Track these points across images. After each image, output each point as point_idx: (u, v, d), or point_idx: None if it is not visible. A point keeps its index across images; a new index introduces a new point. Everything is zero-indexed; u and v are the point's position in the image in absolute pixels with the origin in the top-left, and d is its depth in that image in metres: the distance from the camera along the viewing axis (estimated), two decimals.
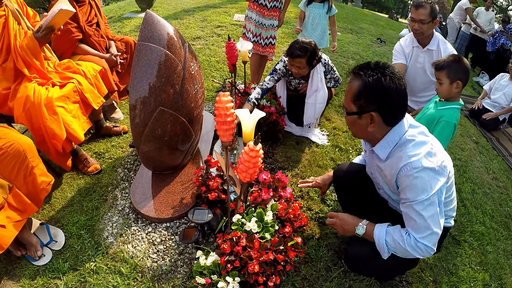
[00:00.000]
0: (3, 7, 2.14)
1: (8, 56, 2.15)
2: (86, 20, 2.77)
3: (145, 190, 2.20)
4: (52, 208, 2.18)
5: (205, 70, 4.12)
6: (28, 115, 2.05)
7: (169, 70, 1.87)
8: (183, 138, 2.12)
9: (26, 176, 1.77)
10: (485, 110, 4.65)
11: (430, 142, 1.45)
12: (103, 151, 2.67)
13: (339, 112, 3.63)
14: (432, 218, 1.41)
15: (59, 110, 2.11)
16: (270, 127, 2.79)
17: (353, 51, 5.78)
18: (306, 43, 2.59)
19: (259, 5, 3.27)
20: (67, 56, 2.68)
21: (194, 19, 5.98)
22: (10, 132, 1.80)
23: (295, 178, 2.54)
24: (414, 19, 2.75)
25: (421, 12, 2.68)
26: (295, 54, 2.57)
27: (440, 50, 2.81)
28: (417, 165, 1.38)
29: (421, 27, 2.72)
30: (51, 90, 2.15)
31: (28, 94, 2.04)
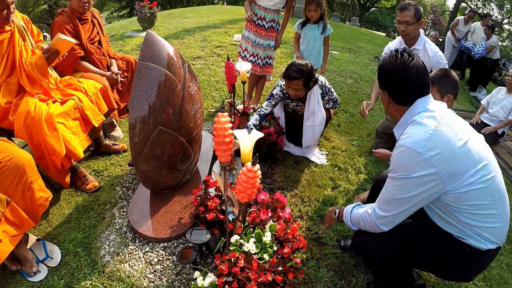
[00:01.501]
0: (9, 23, 2.18)
1: (12, 71, 2.18)
2: (88, 38, 2.81)
3: (143, 209, 2.19)
4: (49, 224, 2.16)
5: (204, 90, 4.16)
6: (28, 130, 2.05)
7: (168, 90, 1.90)
8: (182, 158, 2.12)
9: (24, 191, 1.76)
10: (483, 125, 4.64)
11: (434, 128, 1.35)
12: (102, 169, 2.66)
13: (338, 131, 3.65)
14: (394, 202, 1.42)
15: (59, 126, 2.12)
16: (269, 147, 2.80)
17: (351, 70, 5.86)
18: (302, 65, 2.62)
19: (256, 25, 3.33)
20: (68, 73, 2.71)
21: (195, 39, 6.08)
22: (10, 146, 1.80)
23: (294, 198, 2.53)
24: (400, 21, 2.86)
25: (406, 14, 2.81)
26: (292, 76, 2.59)
27: (426, 50, 2.91)
28: (403, 143, 1.37)
29: (407, 28, 2.84)
30: (52, 106, 2.17)
31: (29, 109, 2.06)
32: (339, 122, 3.87)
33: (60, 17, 2.66)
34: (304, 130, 2.92)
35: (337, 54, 6.83)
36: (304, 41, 3.61)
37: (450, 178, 1.32)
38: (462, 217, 1.40)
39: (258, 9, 3.29)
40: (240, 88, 4.04)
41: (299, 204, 2.48)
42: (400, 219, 1.46)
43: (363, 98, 4.68)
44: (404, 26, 2.84)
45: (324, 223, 1.95)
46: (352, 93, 4.86)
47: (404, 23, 2.83)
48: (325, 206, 2.46)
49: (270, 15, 3.29)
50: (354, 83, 5.31)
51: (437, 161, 1.30)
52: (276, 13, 3.33)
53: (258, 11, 3.29)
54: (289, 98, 2.85)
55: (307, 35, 3.57)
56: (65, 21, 2.65)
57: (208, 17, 8.38)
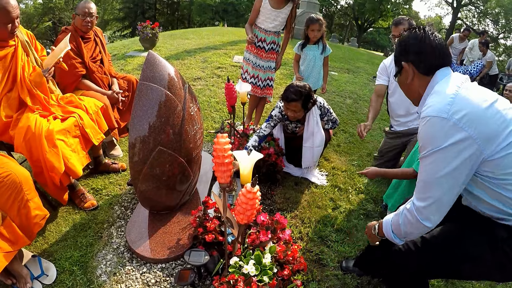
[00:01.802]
0: (13, 37, 2.21)
1: (13, 85, 2.19)
2: (91, 57, 2.85)
3: (141, 229, 2.16)
4: (45, 241, 2.14)
5: (204, 110, 4.19)
6: (28, 145, 2.05)
7: (169, 110, 1.91)
8: (181, 179, 2.11)
9: (20, 208, 1.74)
10: None
11: (455, 92, 1.27)
12: (100, 188, 2.65)
13: (338, 152, 3.65)
14: (432, 184, 1.26)
15: (59, 143, 2.12)
16: (269, 168, 2.79)
17: (350, 90, 5.91)
18: (300, 86, 2.63)
19: (257, 47, 3.37)
20: (70, 90, 2.73)
21: (195, 60, 6.16)
22: (8, 162, 1.80)
23: (294, 219, 2.51)
24: (395, 36, 2.96)
25: (401, 28, 2.91)
26: (290, 98, 2.61)
27: None
28: (425, 114, 1.27)
29: None
30: (53, 122, 2.18)
31: (30, 125, 2.06)
32: (338, 142, 3.87)
33: (63, 34, 2.70)
34: (303, 151, 2.92)
35: (336, 74, 6.91)
36: (304, 62, 3.66)
37: (484, 142, 1.20)
38: (505, 191, 1.28)
39: (258, 31, 3.34)
40: (240, 109, 4.07)
41: (299, 225, 2.46)
42: (444, 209, 1.28)
43: (363, 118, 4.71)
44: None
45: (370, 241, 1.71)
46: (351, 113, 4.89)
47: (399, 37, 2.86)
48: (325, 227, 2.44)
49: (270, 37, 3.34)
50: (353, 103, 5.35)
51: (466, 124, 1.19)
52: (276, 35, 3.38)
53: (259, 33, 3.34)
54: (288, 119, 2.87)
55: (307, 56, 3.62)
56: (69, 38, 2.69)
57: (208, 39, 8.52)
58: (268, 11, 3.24)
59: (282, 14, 3.28)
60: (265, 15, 3.27)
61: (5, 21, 2.06)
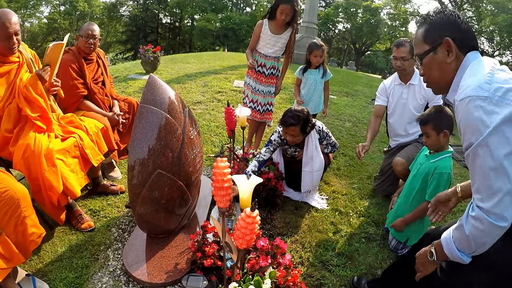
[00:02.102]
0: (17, 54, 2.24)
1: (13, 98, 2.20)
2: (93, 78, 2.89)
3: (139, 252, 2.12)
4: (40, 260, 2.09)
5: (204, 134, 4.20)
6: (26, 163, 2.05)
7: (168, 133, 1.91)
8: (180, 202, 2.10)
9: (17, 225, 1.72)
10: None
11: (491, 71, 1.19)
12: (98, 209, 2.62)
13: (338, 175, 3.63)
14: (491, 176, 1.10)
15: (58, 162, 2.11)
16: (269, 192, 2.77)
17: (349, 113, 5.95)
18: (298, 111, 2.66)
19: (256, 72, 3.42)
20: (71, 110, 2.75)
21: (196, 84, 6.23)
22: (7, 178, 1.79)
23: (294, 244, 2.47)
24: (396, 57, 2.97)
25: (402, 50, 2.92)
26: (289, 122, 2.63)
27: (422, 84, 2.96)
28: (463, 95, 1.16)
29: (403, 63, 2.94)
30: (53, 141, 2.18)
31: (29, 142, 2.06)
32: (338, 165, 3.87)
33: (66, 55, 2.74)
34: (302, 175, 2.91)
35: (335, 98, 6.98)
36: (305, 86, 3.72)
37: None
38: None
39: (258, 56, 3.40)
40: (240, 134, 4.08)
41: (300, 250, 2.42)
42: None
43: (362, 140, 4.70)
44: (400, 61, 2.95)
45: (418, 276, 1.49)
46: (351, 136, 4.90)
47: (400, 59, 2.95)
48: (326, 252, 2.39)
49: (270, 62, 3.40)
50: (353, 126, 5.37)
51: (510, 99, 1.10)
52: (276, 60, 3.44)
53: (259, 58, 3.40)
54: (287, 144, 2.87)
55: (308, 80, 3.69)
56: (71, 59, 2.74)
57: (209, 63, 8.65)
58: (268, 36, 3.31)
59: (282, 40, 3.35)
60: (265, 41, 3.34)
61: (5, 35, 2.10)
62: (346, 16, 29.23)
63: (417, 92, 3.01)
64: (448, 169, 2.21)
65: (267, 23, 3.31)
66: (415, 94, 3.02)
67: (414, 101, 3.04)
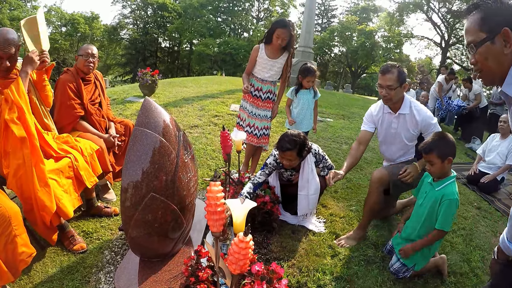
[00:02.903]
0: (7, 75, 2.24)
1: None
2: (90, 99, 2.90)
3: (131, 276, 2.06)
4: (30, 280, 2.04)
5: (200, 158, 4.18)
6: (19, 183, 2.02)
7: (163, 157, 1.90)
8: (174, 226, 2.06)
9: (7, 243, 1.69)
10: (482, 174, 4.64)
11: None
12: (91, 231, 2.58)
13: (335, 198, 3.60)
14: None
15: (51, 182, 2.09)
16: (265, 216, 2.73)
17: (346, 136, 5.96)
18: (295, 135, 2.66)
19: (253, 96, 3.44)
20: (67, 130, 2.74)
21: (193, 108, 6.26)
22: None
23: (291, 268, 2.41)
24: (382, 85, 2.64)
25: (388, 77, 2.60)
26: (285, 147, 2.62)
27: (413, 113, 2.71)
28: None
29: (389, 93, 2.62)
30: (46, 162, 2.16)
31: (21, 162, 2.03)
32: (336, 188, 3.84)
33: (65, 75, 2.78)
34: (298, 199, 2.88)
35: (331, 121, 7.00)
36: (298, 106, 3.82)
37: None
38: None
39: (255, 80, 3.42)
40: (236, 158, 4.07)
41: (297, 274, 2.36)
42: None
43: (359, 163, 4.70)
44: (386, 90, 2.62)
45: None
46: None
47: (386, 88, 2.62)
48: (324, 276, 2.34)
49: (267, 86, 3.42)
50: (349, 148, 5.35)
51: None
52: (272, 85, 3.46)
53: (255, 82, 3.42)
54: (283, 167, 2.86)
55: (301, 100, 3.80)
56: (69, 79, 2.76)
57: (206, 87, 8.72)
58: (264, 60, 3.34)
59: (278, 64, 3.38)
60: (262, 65, 3.37)
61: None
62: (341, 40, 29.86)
63: (409, 122, 2.74)
64: (455, 195, 2.20)
65: (264, 48, 3.35)
66: (407, 125, 2.75)
67: (405, 131, 2.79)
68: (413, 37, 26.85)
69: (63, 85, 2.72)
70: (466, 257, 2.82)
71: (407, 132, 2.78)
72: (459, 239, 3.09)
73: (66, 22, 31.53)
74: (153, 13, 33.77)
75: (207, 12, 31.98)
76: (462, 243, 3.04)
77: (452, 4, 23.19)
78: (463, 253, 2.88)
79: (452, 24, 24.05)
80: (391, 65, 2.64)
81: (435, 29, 25.33)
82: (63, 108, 2.72)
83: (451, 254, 2.81)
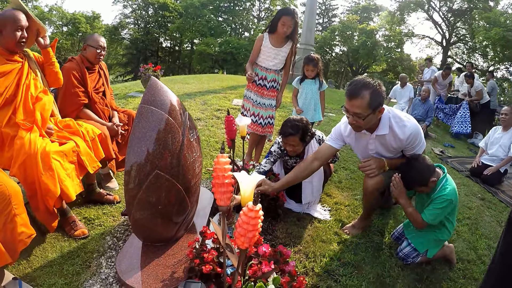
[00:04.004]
0: (21, 49, 2.21)
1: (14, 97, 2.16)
2: (94, 87, 2.87)
3: (133, 260, 2.02)
4: (29, 265, 2.00)
5: (204, 149, 4.14)
6: (22, 168, 1.98)
7: (168, 134, 1.86)
8: (178, 209, 2.02)
9: (6, 223, 1.64)
10: (485, 167, 4.64)
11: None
12: (93, 217, 2.54)
13: (339, 187, 3.56)
14: None
15: (55, 164, 2.05)
16: (270, 203, 2.69)
17: None
18: (297, 120, 2.64)
19: (257, 85, 3.41)
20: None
21: (195, 102, 6.23)
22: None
23: (297, 254, 2.38)
24: (348, 111, 2.11)
25: (357, 104, 2.03)
26: (288, 132, 2.61)
27: (395, 133, 2.21)
28: None
29: (358, 121, 2.10)
30: (49, 144, 2.12)
31: (24, 145, 2.00)
32: (340, 179, 3.80)
33: (69, 63, 2.76)
34: (303, 186, 2.85)
35: (334, 115, 6.98)
36: (302, 96, 3.83)
37: None
38: None
39: (259, 69, 3.40)
40: (239, 149, 4.04)
41: (304, 259, 2.32)
42: None
43: None
44: (354, 118, 2.09)
45: None
46: (351, 151, 4.84)
47: (353, 115, 2.08)
48: (331, 261, 2.30)
49: (271, 75, 3.40)
50: None
51: None
52: (276, 73, 3.44)
53: (260, 71, 3.40)
54: (288, 154, 2.83)
55: (304, 90, 3.80)
56: (74, 67, 2.74)
57: (208, 84, 8.70)
58: (268, 49, 3.33)
59: (282, 53, 3.36)
60: (266, 54, 3.35)
61: (14, 28, 2.10)
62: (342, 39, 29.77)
63: (390, 141, 2.26)
64: (448, 196, 2.18)
65: (268, 37, 3.33)
66: (387, 146, 2.30)
67: (386, 152, 2.37)
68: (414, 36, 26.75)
69: (67, 73, 2.70)
70: (472, 245, 2.80)
71: (388, 152, 2.38)
72: (464, 228, 3.06)
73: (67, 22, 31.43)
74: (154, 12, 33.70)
75: (208, 11, 31.87)
76: (468, 231, 3.01)
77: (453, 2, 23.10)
78: (469, 241, 2.85)
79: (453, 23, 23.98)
80: (362, 85, 2.03)
81: (436, 28, 25.25)
82: (67, 95, 2.69)
83: (457, 242, 2.78)
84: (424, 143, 2.35)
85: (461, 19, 23.29)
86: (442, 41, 25.20)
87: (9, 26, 2.11)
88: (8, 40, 2.14)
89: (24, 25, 2.16)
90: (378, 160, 2.39)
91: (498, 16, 18.13)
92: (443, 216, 2.23)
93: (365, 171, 2.40)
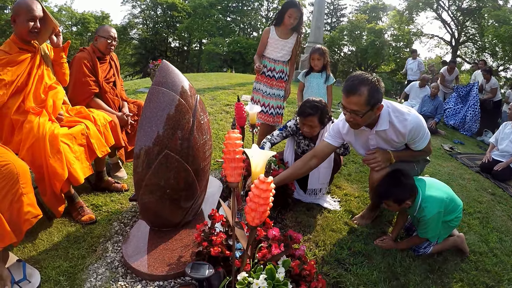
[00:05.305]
0: (33, 39, 2.21)
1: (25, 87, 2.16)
2: (105, 77, 2.88)
3: (140, 244, 2.00)
4: (34, 248, 2.00)
5: (213, 142, 4.13)
6: (30, 151, 1.98)
7: (179, 114, 1.85)
8: (187, 193, 2.00)
9: (12, 202, 1.63)
10: (495, 162, 4.55)
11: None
12: (101, 204, 2.53)
13: (349, 180, 3.51)
14: None
15: (64, 147, 2.05)
16: (280, 191, 2.65)
17: None
18: (316, 101, 2.61)
19: (266, 76, 3.46)
20: None
21: (204, 98, 6.24)
22: (7, 153, 1.72)
23: (307, 242, 2.34)
24: (345, 108, 2.03)
25: (353, 100, 1.95)
26: (307, 112, 2.58)
27: (396, 128, 2.12)
28: None
29: (355, 118, 2.02)
30: (58, 128, 2.12)
31: (33, 128, 2.00)
32: (349, 172, 3.75)
33: (81, 53, 2.79)
34: (310, 172, 2.79)
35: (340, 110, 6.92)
36: (308, 90, 3.72)
37: None
38: None
39: (267, 61, 3.47)
40: (249, 140, 4.01)
41: (314, 248, 2.28)
42: None
43: None
44: (351, 115, 2.02)
45: None
46: None
47: (350, 112, 2.01)
48: (342, 250, 2.26)
49: (279, 66, 3.45)
50: None
51: None
52: (284, 64, 3.49)
53: (268, 63, 3.46)
54: (302, 135, 2.80)
55: (311, 84, 3.70)
56: (85, 57, 2.76)
57: (217, 81, 8.74)
58: (275, 41, 3.40)
59: (289, 44, 3.44)
60: (273, 46, 3.42)
61: (28, 17, 2.10)
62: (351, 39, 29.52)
63: (391, 135, 2.16)
64: (430, 214, 2.11)
65: (274, 29, 3.41)
66: (389, 140, 2.20)
67: (388, 147, 2.26)
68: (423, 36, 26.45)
69: (78, 62, 2.71)
70: (484, 238, 2.73)
71: (391, 146, 2.27)
72: (475, 221, 2.99)
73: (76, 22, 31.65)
74: (163, 13, 33.83)
75: (217, 11, 31.92)
76: (479, 225, 2.95)
77: (462, 1, 22.82)
78: (480, 234, 2.79)
79: (462, 22, 23.66)
80: (359, 81, 1.94)
81: (445, 27, 24.92)
82: (78, 84, 2.70)
83: (468, 235, 2.72)
84: (428, 134, 2.23)
85: (470, 18, 22.93)
86: (451, 41, 24.88)
87: (23, 15, 2.12)
88: (21, 29, 2.14)
89: (38, 15, 2.16)
90: (384, 152, 2.24)
91: (508, 13, 17.82)
92: (439, 224, 2.19)
93: (370, 164, 2.26)
